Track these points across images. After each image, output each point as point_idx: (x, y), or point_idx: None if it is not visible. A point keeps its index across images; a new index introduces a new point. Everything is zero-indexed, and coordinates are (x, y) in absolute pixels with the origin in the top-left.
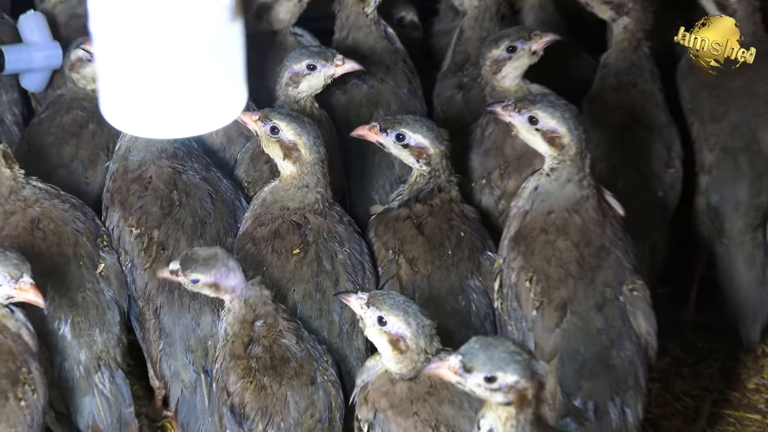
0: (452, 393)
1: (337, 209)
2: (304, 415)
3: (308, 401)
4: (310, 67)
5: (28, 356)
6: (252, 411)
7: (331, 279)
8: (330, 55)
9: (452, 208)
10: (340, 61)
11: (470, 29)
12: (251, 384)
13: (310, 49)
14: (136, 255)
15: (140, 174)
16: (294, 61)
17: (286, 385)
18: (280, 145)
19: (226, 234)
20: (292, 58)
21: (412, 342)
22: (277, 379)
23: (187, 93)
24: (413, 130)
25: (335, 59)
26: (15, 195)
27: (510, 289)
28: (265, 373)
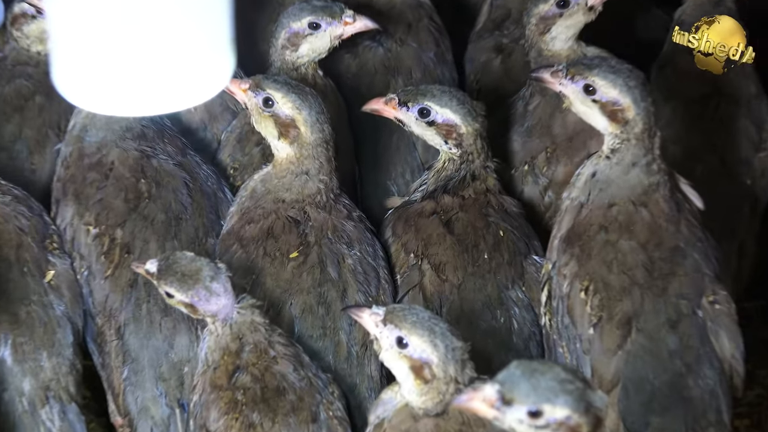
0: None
1: (344, 202)
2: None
3: None
4: (313, 26)
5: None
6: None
7: (338, 289)
8: (337, 10)
9: (489, 200)
10: (350, 17)
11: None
12: (237, 421)
13: (312, 4)
14: (94, 260)
15: (99, 159)
16: (293, 18)
17: (280, 423)
18: (274, 121)
19: (207, 233)
20: (290, 15)
21: (439, 369)
22: (269, 415)
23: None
24: (440, 104)
25: (344, 16)
26: None
27: (561, 301)
28: (254, 408)
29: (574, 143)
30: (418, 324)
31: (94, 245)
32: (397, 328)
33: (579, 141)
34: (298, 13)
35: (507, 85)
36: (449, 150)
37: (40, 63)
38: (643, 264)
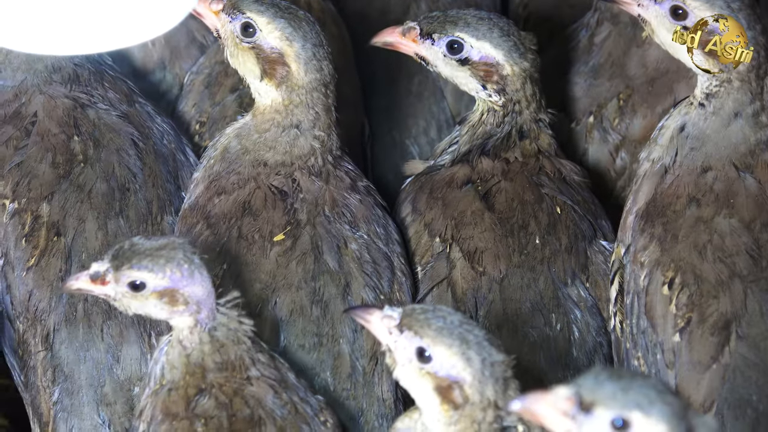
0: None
1: (348, 168)
2: None
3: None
4: None
5: None
6: None
7: (338, 284)
8: None
9: (542, 165)
10: None
11: None
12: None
13: None
14: (12, 245)
15: (17, 109)
16: None
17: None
18: (256, 55)
19: (162, 208)
20: None
21: (473, 390)
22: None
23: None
24: (477, 35)
25: None
26: None
27: (637, 298)
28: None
29: (656, 87)
30: (445, 331)
31: (12, 225)
32: (417, 336)
33: (663, 84)
34: None
35: (564, 11)
36: (489, 97)
37: None
38: (747, 249)
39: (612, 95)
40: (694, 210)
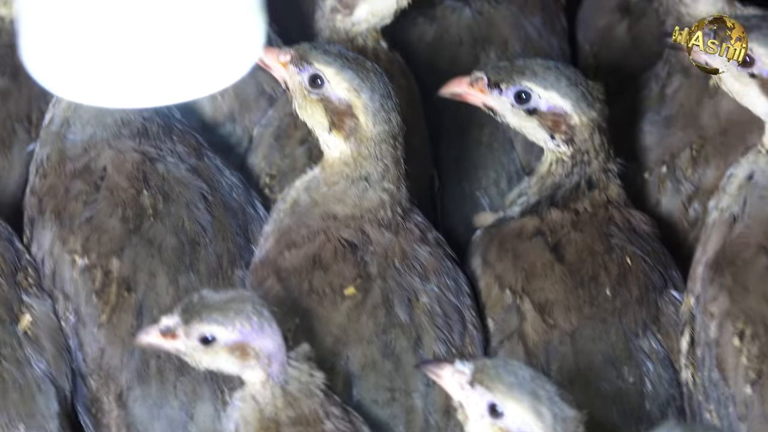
0: None
1: (417, 220)
2: None
3: None
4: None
5: None
6: None
7: (409, 337)
8: None
9: (611, 216)
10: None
11: None
12: None
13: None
14: (83, 301)
15: (87, 164)
16: None
17: None
18: (324, 107)
19: (233, 262)
20: None
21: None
22: None
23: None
24: (544, 85)
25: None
26: None
27: (708, 349)
28: None
29: (729, 138)
30: (516, 386)
31: (82, 281)
32: (489, 392)
33: (736, 135)
34: None
35: (635, 61)
36: (557, 148)
37: (2, 32)
38: None
39: (685, 145)
40: (764, 260)
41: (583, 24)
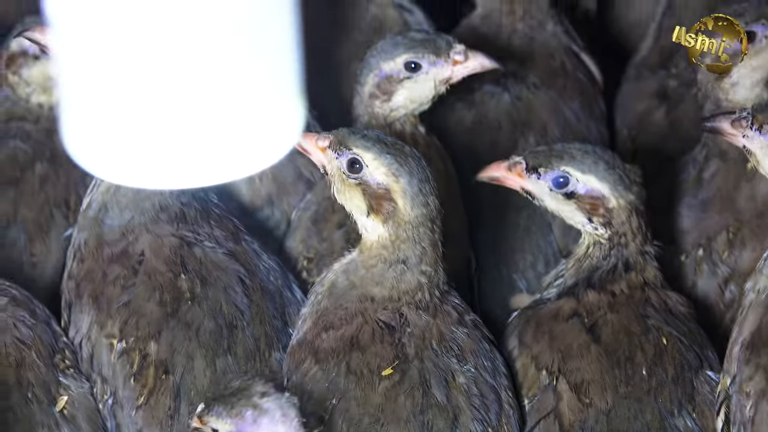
0: None
1: (455, 302)
2: None
3: None
4: (411, 67)
5: None
6: None
7: (446, 418)
8: (443, 45)
9: (647, 297)
10: (461, 55)
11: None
12: None
13: (410, 37)
14: (121, 384)
15: (125, 248)
16: (384, 56)
17: None
18: (363, 191)
19: (270, 345)
20: (381, 53)
21: None
22: None
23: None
24: (582, 169)
25: (452, 52)
26: None
27: (743, 428)
28: None
29: (765, 220)
30: None
31: (120, 364)
32: None
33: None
34: (392, 49)
35: (673, 144)
36: (595, 231)
37: (42, 118)
38: None
39: (721, 228)
40: None
41: (621, 108)
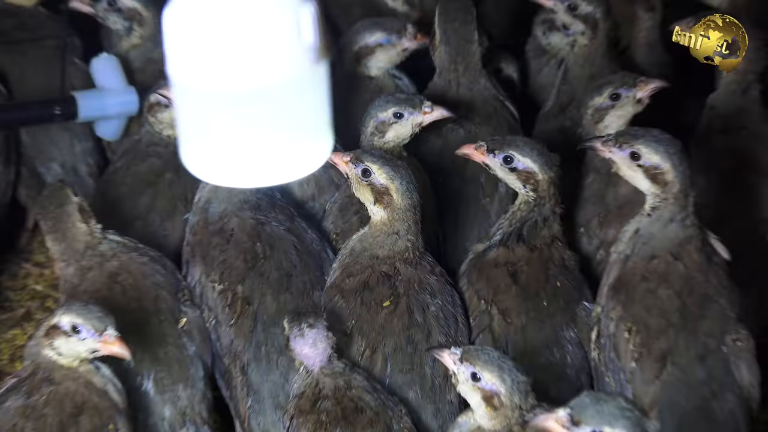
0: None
1: (428, 259)
2: None
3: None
4: (397, 116)
5: (115, 413)
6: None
7: (423, 332)
8: (417, 102)
9: (552, 254)
10: (429, 108)
11: (578, 67)
12: None
13: (396, 97)
14: (220, 311)
15: (222, 226)
16: (380, 109)
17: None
18: (371, 188)
19: (313, 287)
20: (377, 106)
21: (506, 398)
22: (350, 429)
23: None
24: (522, 153)
25: (423, 106)
26: (92, 250)
27: (608, 339)
28: (337, 425)
29: (623, 210)
30: (489, 362)
31: (219, 299)
32: (471, 365)
33: (629, 209)
34: (384, 104)
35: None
36: (526, 193)
37: (170, 144)
38: (678, 309)
39: (595, 215)
40: (645, 285)
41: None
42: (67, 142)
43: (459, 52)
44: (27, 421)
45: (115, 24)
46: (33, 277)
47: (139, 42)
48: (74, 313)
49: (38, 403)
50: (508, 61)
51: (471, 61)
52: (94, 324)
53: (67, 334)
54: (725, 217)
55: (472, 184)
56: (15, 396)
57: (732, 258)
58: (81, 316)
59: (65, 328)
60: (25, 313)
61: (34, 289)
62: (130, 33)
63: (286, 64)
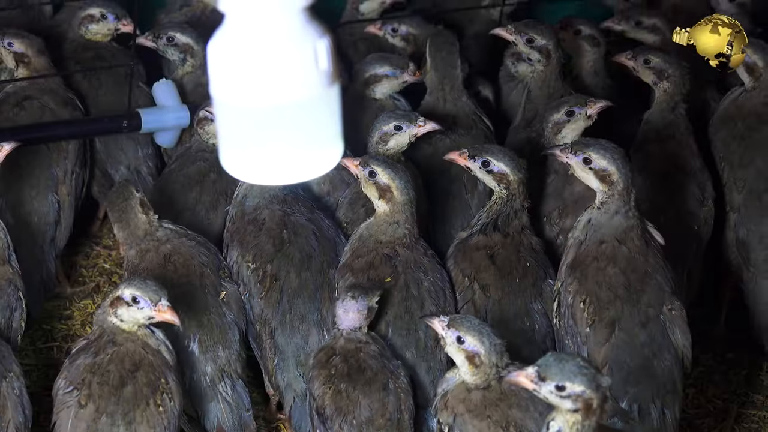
0: (519, 399)
1: (422, 244)
2: (375, 415)
3: (379, 404)
4: (397, 128)
5: (166, 369)
6: (331, 412)
7: (418, 303)
8: (413, 117)
9: (522, 240)
10: (422, 122)
11: (537, 89)
12: (330, 389)
13: (396, 113)
14: (252, 286)
15: (255, 217)
16: (383, 123)
17: (359, 390)
18: (376, 187)
19: (329, 266)
20: (381, 121)
21: (485, 358)
22: (351, 384)
23: (294, 146)
24: (497, 159)
25: (418, 120)
26: (150, 236)
27: (567, 309)
28: (341, 380)
29: (578, 204)
30: (471, 327)
31: (252, 276)
32: (457, 331)
33: (581, 204)
34: (387, 119)
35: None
36: (500, 191)
37: (215, 151)
38: (623, 284)
39: (555, 208)
40: (596, 264)
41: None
42: (132, 149)
43: (445, 75)
44: (93, 376)
45: (173, 56)
46: (102, 257)
47: (191, 70)
48: (134, 287)
49: (103, 361)
50: (484, 84)
51: (455, 83)
52: (150, 296)
53: (128, 305)
54: (659, 209)
55: (456, 183)
56: (84, 355)
57: (665, 243)
58: (140, 290)
59: (127, 299)
60: (95, 286)
61: (103, 267)
62: (184, 63)
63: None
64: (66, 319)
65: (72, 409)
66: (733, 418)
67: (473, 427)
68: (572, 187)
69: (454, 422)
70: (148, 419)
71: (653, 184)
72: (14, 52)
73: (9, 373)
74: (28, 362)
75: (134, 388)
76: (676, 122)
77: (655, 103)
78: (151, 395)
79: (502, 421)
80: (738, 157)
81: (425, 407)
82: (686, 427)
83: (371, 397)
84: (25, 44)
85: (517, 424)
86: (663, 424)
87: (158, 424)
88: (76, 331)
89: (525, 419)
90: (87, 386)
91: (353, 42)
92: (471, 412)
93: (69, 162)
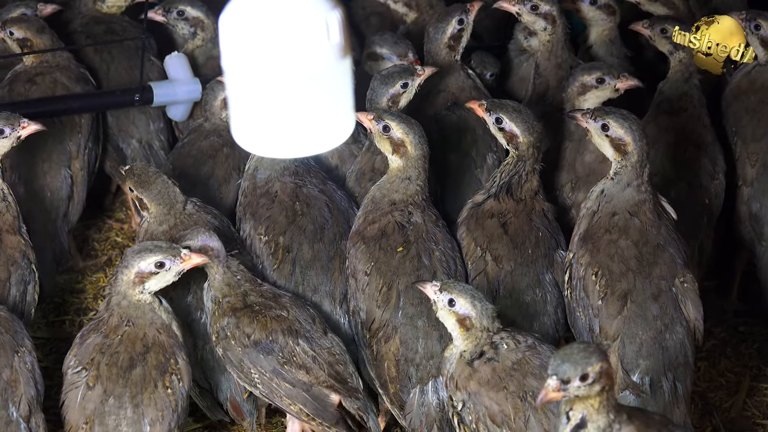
0: (533, 367)
1: (433, 211)
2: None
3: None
4: (404, 86)
5: (177, 348)
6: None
7: (429, 273)
8: (412, 69)
9: (534, 206)
10: (421, 69)
11: (545, 60)
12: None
13: (394, 72)
14: (265, 258)
15: (267, 189)
16: (389, 86)
17: (291, 310)
18: (390, 141)
19: (342, 237)
20: (385, 84)
21: (476, 321)
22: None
23: (305, 119)
24: (510, 118)
25: (417, 71)
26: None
27: (578, 281)
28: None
29: (591, 177)
30: (462, 291)
31: (265, 248)
32: (448, 294)
33: (595, 176)
34: (391, 81)
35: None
36: (513, 151)
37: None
38: (635, 256)
39: (568, 181)
40: (608, 236)
41: None
42: (144, 123)
43: None
44: (103, 357)
45: (183, 29)
46: (114, 230)
47: (201, 43)
48: (149, 254)
49: (113, 341)
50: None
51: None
52: (172, 253)
53: (154, 273)
54: (671, 182)
55: (466, 159)
56: (95, 335)
57: (677, 216)
58: (156, 254)
59: (149, 269)
60: (107, 260)
61: (115, 240)
62: (195, 36)
63: (317, 58)
64: (78, 292)
65: (80, 390)
66: (745, 391)
67: (489, 399)
68: (583, 157)
69: (469, 398)
70: (156, 402)
71: (665, 157)
72: (17, 39)
73: (21, 347)
74: (40, 335)
75: (143, 370)
76: (689, 93)
77: (670, 72)
78: (160, 377)
79: (519, 391)
80: (751, 131)
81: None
82: (698, 400)
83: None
84: (23, 29)
85: (535, 394)
86: (675, 397)
87: (166, 406)
88: (89, 305)
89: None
90: (96, 367)
91: (366, 16)
92: (485, 385)
93: (82, 137)
